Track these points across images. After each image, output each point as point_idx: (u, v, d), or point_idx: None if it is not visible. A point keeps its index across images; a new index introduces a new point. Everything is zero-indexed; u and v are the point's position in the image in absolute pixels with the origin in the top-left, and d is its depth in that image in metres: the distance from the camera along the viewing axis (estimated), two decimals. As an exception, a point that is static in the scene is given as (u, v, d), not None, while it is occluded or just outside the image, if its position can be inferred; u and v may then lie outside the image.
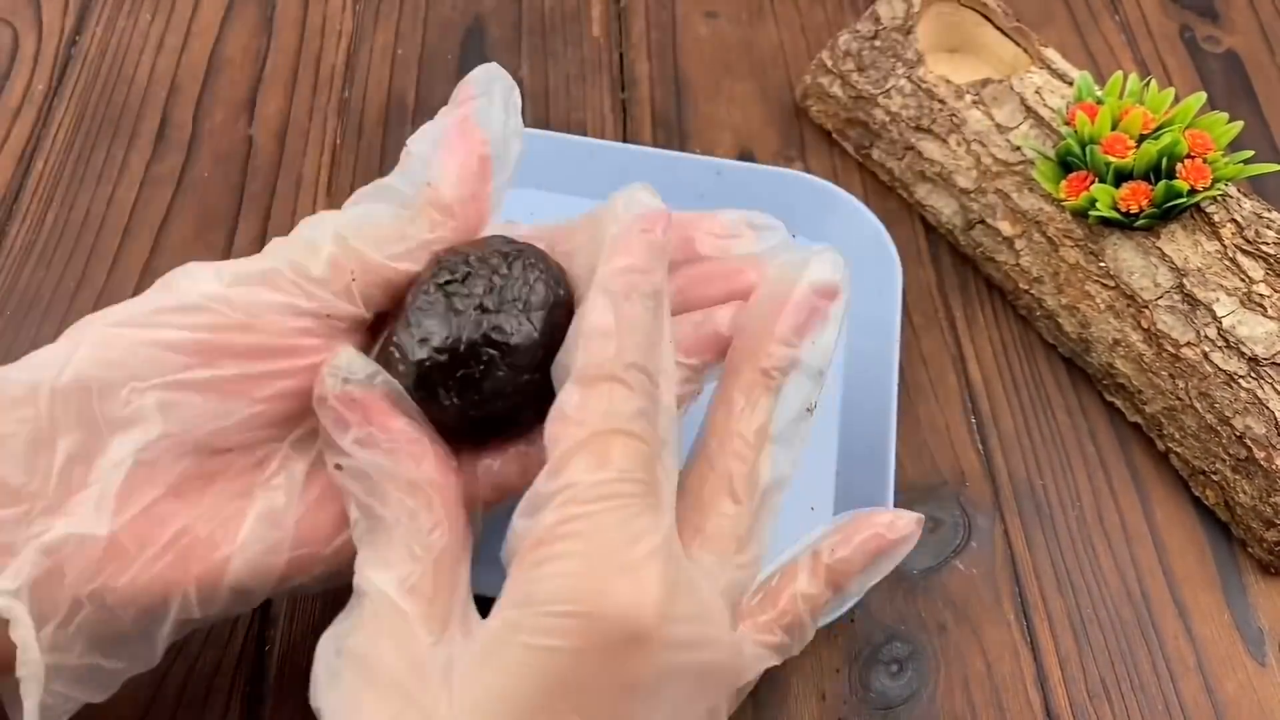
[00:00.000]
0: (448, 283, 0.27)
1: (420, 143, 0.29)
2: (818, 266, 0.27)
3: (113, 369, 0.25)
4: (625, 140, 0.49)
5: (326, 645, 0.25)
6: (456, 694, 0.23)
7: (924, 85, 0.46)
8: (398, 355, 0.26)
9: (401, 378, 0.26)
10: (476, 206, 0.28)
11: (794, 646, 0.28)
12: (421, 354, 0.26)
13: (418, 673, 0.24)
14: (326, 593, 0.35)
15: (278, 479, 0.27)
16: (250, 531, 0.26)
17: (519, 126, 0.30)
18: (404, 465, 0.25)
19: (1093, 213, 0.40)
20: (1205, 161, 0.39)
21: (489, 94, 0.29)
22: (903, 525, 0.29)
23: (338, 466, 0.26)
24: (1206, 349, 0.39)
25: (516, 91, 0.30)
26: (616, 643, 0.23)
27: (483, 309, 0.26)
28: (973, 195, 0.44)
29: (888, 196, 0.47)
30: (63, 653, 0.25)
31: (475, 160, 0.28)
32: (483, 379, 0.26)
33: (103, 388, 0.25)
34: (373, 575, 0.25)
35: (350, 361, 0.26)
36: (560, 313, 0.27)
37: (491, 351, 0.26)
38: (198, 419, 0.26)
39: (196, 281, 0.27)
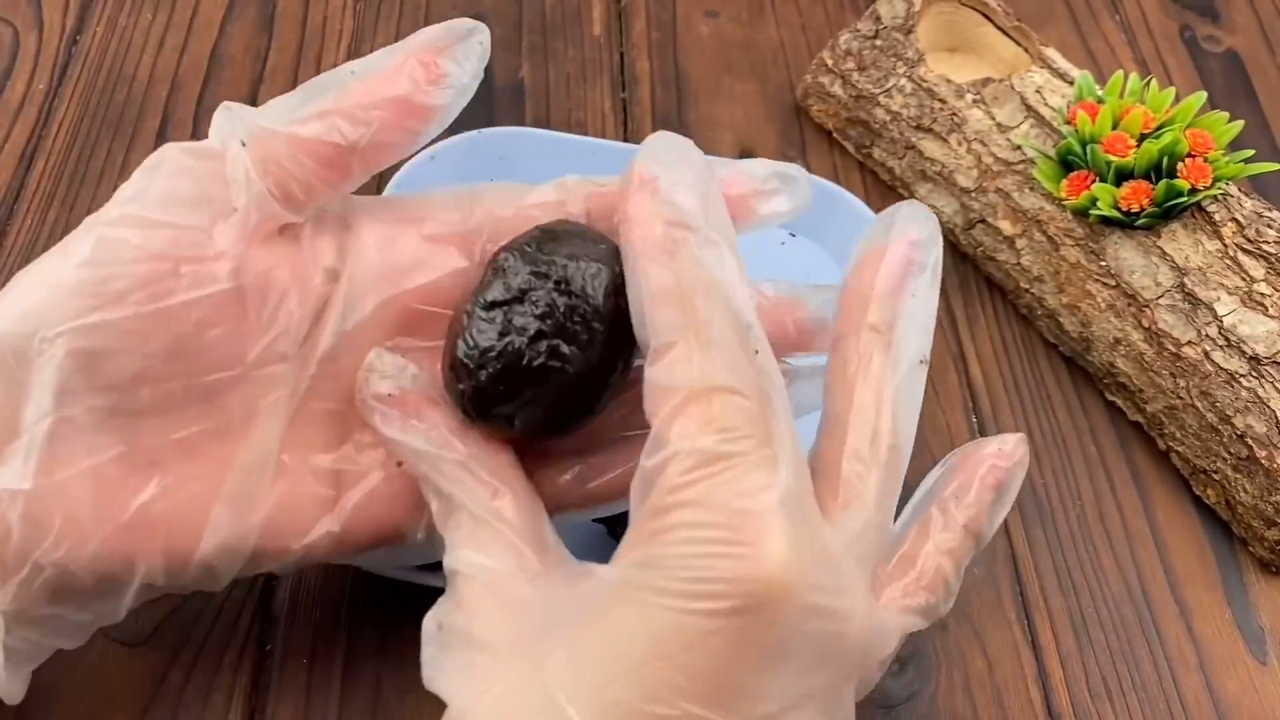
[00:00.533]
0: (502, 302, 0.26)
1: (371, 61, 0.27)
2: (904, 221, 0.27)
3: (25, 321, 0.25)
4: (626, 140, 0.49)
5: (429, 624, 0.25)
6: (569, 645, 0.23)
7: (925, 84, 0.46)
8: (458, 380, 0.26)
9: (465, 399, 0.26)
10: (386, 137, 0.27)
11: (941, 606, 0.27)
12: (482, 380, 0.25)
13: (521, 624, 0.23)
14: (329, 595, 0.35)
15: (247, 457, 0.27)
16: (217, 518, 0.26)
17: (478, 75, 0.28)
18: (452, 444, 0.26)
19: (1093, 212, 0.40)
20: (1206, 161, 0.39)
21: (463, 49, 0.28)
22: (1012, 449, 0.28)
23: (399, 463, 0.27)
24: (1207, 348, 0.39)
25: (487, 36, 0.28)
26: (743, 608, 0.22)
27: (541, 335, 0.25)
28: (973, 194, 0.44)
29: (888, 196, 0.47)
30: (26, 603, 0.25)
31: (413, 100, 0.27)
32: (558, 394, 0.26)
33: (15, 341, 0.25)
34: (458, 554, 0.25)
35: (383, 362, 0.26)
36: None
37: (557, 366, 0.25)
38: (113, 361, 0.25)
39: (95, 219, 0.26)
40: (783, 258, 0.44)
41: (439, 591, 0.26)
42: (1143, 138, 0.40)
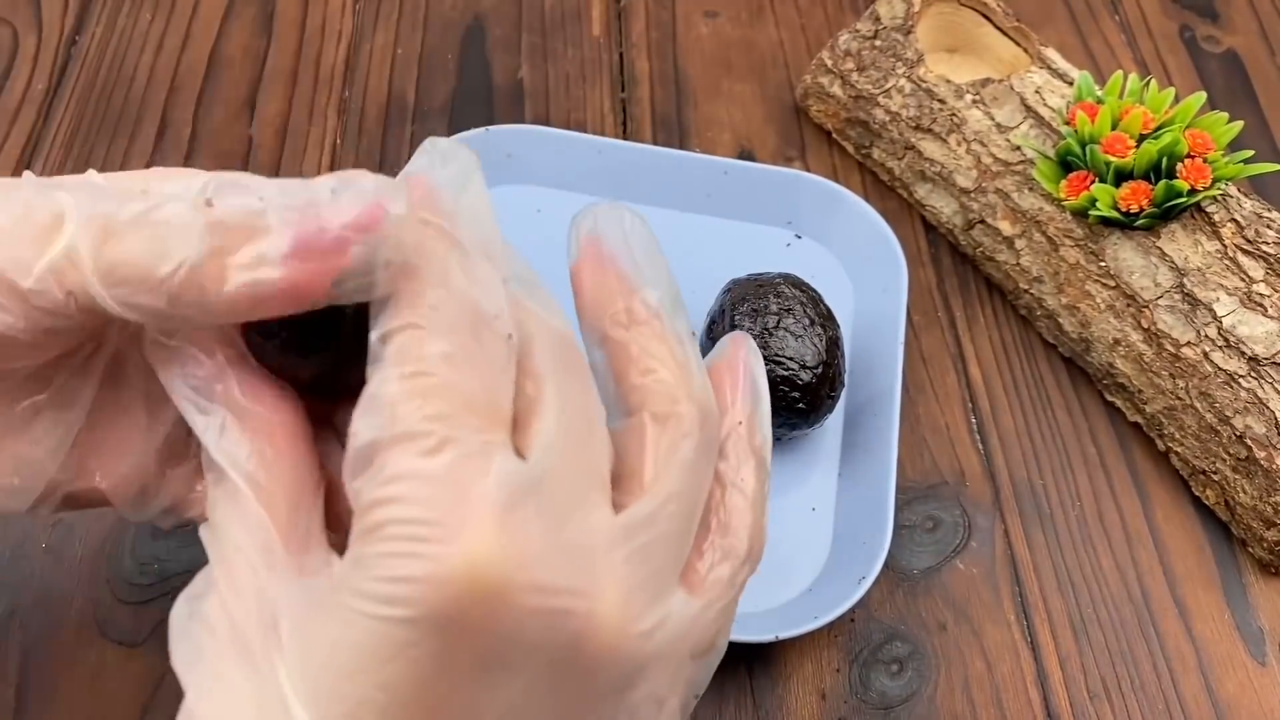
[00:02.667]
0: None
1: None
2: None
3: None
4: (625, 140, 0.49)
5: (180, 609, 0.21)
6: (299, 645, 0.20)
7: (924, 85, 0.46)
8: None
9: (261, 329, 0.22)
10: None
11: (746, 566, 0.23)
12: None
13: (253, 614, 0.20)
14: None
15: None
16: None
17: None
18: (228, 386, 0.21)
19: (1093, 212, 0.40)
20: (1205, 161, 0.39)
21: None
22: (743, 338, 0.24)
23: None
24: (1207, 349, 0.39)
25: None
26: (438, 615, 0.19)
27: None
28: (973, 195, 0.44)
29: (888, 196, 0.47)
30: None
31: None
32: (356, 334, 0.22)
33: None
34: (207, 523, 0.21)
35: None
36: None
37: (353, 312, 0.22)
38: None
39: None
40: (788, 259, 0.44)
41: None
42: (1142, 138, 0.40)
